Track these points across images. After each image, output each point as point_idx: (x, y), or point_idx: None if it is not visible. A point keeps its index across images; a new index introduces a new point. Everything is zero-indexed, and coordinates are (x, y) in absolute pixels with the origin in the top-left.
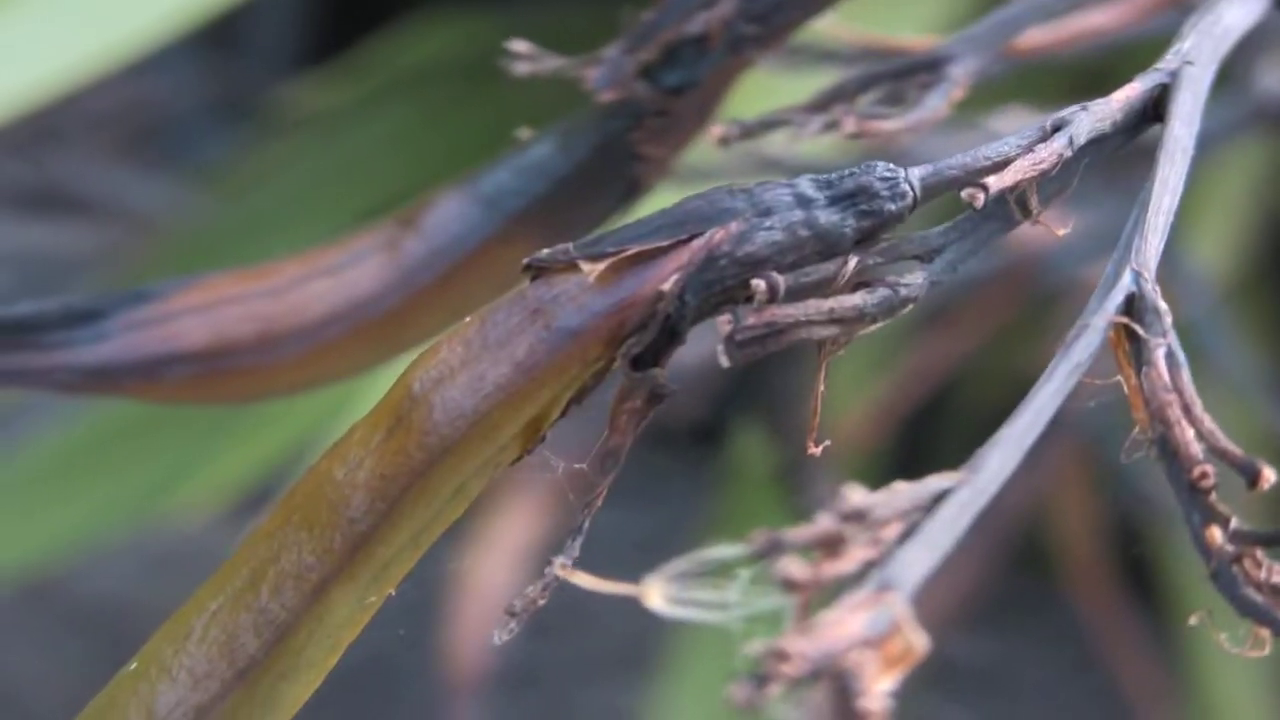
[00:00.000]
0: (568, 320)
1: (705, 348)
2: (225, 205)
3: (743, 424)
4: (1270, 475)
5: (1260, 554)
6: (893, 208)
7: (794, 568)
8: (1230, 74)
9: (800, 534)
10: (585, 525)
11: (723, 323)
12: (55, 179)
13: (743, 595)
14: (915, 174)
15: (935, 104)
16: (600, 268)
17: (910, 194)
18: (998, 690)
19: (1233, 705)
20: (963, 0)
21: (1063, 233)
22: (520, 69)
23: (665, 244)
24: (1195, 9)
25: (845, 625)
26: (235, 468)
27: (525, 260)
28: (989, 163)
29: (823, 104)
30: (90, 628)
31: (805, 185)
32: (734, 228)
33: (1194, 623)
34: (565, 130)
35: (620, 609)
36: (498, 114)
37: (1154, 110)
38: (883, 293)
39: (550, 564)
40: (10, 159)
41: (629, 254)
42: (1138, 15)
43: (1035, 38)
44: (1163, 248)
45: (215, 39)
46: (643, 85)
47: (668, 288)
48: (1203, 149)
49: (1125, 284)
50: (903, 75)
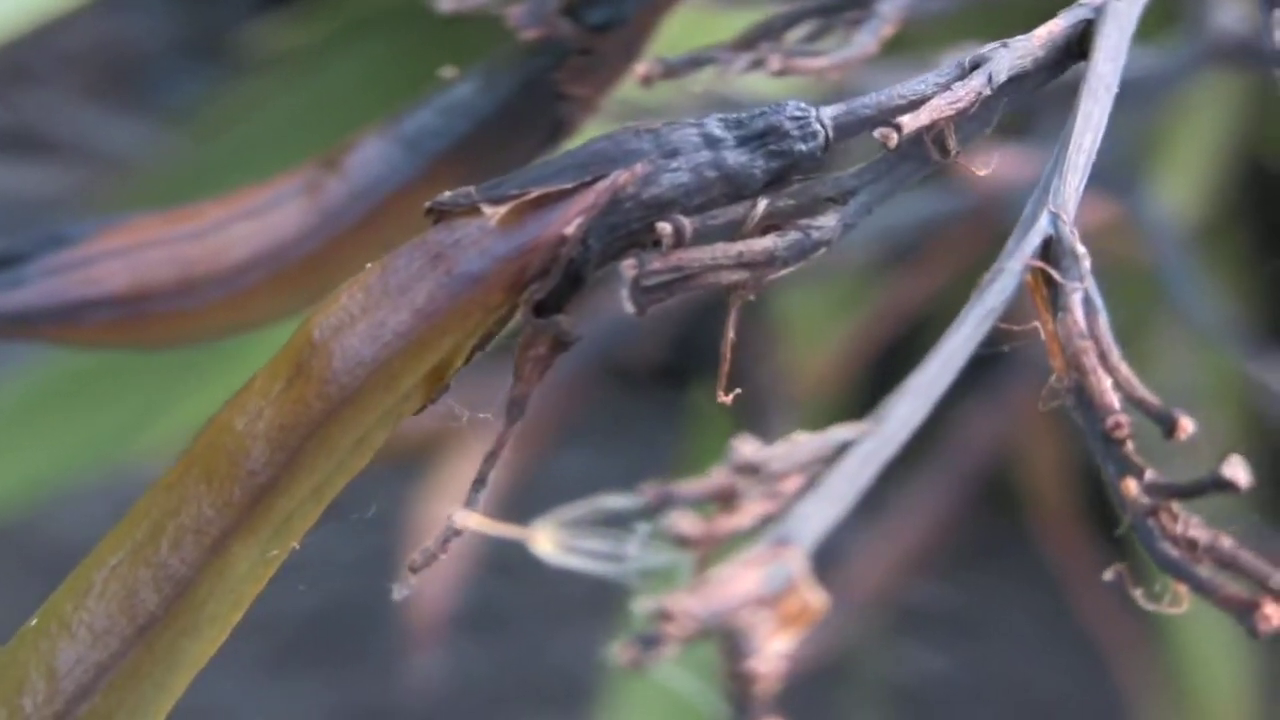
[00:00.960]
0: (469, 265)
1: None
2: (196, 145)
3: (706, 366)
4: (1188, 426)
5: (1177, 507)
6: (803, 148)
7: (686, 522)
8: (1185, 12)
9: (694, 487)
10: (489, 476)
11: (627, 267)
12: (25, 119)
13: (640, 549)
14: (827, 113)
15: (864, 41)
16: (502, 211)
17: (822, 133)
18: (966, 634)
19: (1205, 648)
20: None
21: (1028, 170)
22: (445, 6)
23: (569, 186)
24: None
25: (739, 582)
26: (202, 412)
27: (427, 204)
28: (904, 101)
29: (750, 41)
30: (56, 572)
31: (713, 125)
32: (639, 169)
33: (1108, 578)
34: (488, 69)
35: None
36: (468, 52)
37: (1078, 46)
38: (794, 236)
39: (450, 517)
40: None
41: (532, 197)
42: None
43: None
44: (1129, 191)
45: None
46: (567, 23)
47: (571, 231)
48: (1162, 88)
49: (1042, 226)
50: (831, 11)
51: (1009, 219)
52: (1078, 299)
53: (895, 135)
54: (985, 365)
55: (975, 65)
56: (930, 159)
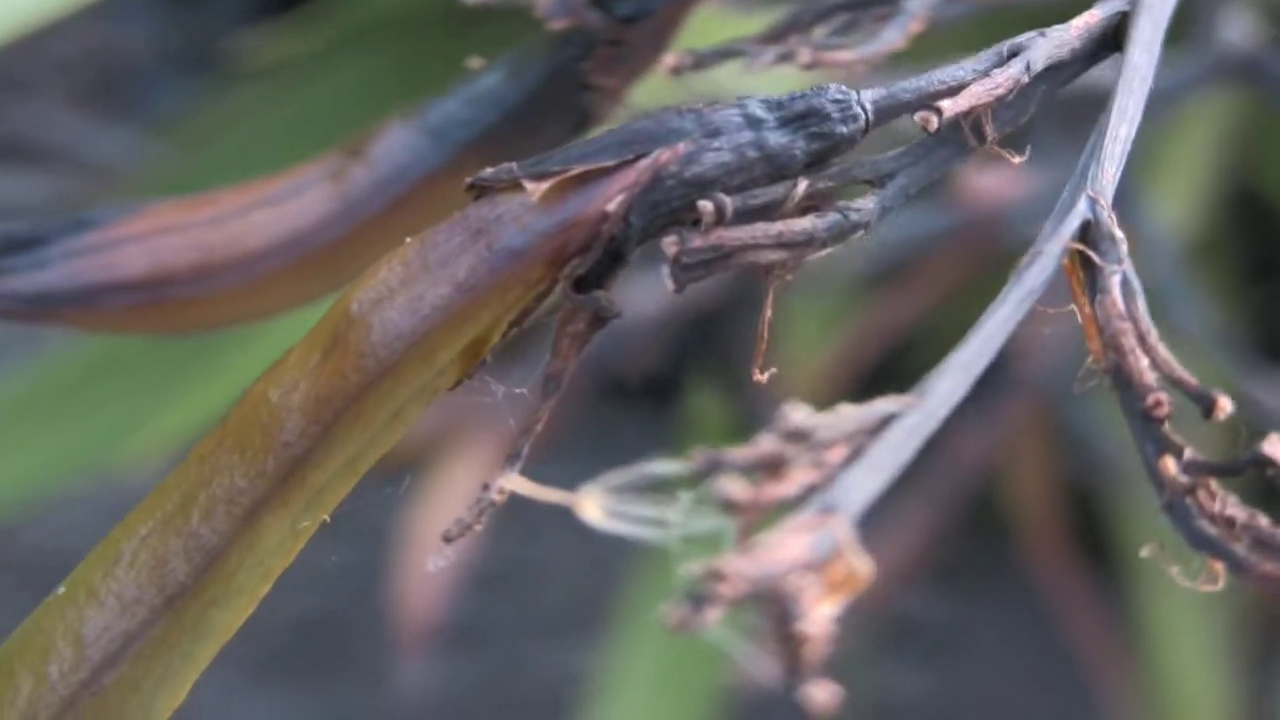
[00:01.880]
0: (510, 240)
1: (661, 299)
2: (185, 155)
3: (699, 377)
4: (1226, 405)
5: (1215, 485)
6: (844, 130)
7: (734, 487)
8: (1191, 28)
9: (742, 453)
10: (524, 450)
11: (669, 244)
12: (13, 128)
13: (683, 516)
14: (868, 96)
15: (892, 37)
16: (544, 187)
17: (862, 116)
18: (951, 651)
19: (1185, 668)
20: None
21: (1022, 189)
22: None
23: (611, 164)
24: None
25: (787, 547)
26: (187, 417)
27: (469, 180)
28: (944, 87)
29: (777, 35)
30: (40, 578)
31: (755, 106)
32: (681, 148)
33: (1146, 555)
34: (516, 60)
35: (573, 565)
36: (462, 64)
37: (1113, 38)
38: (833, 217)
39: (487, 488)
40: None
41: (574, 174)
42: None
43: None
44: (1126, 207)
45: None
46: (595, 14)
47: (613, 208)
48: (1164, 104)
49: (1080, 210)
50: (859, 7)
51: (1002, 238)
52: (1116, 281)
53: (935, 119)
54: (975, 382)
55: (1014, 53)
56: (968, 145)
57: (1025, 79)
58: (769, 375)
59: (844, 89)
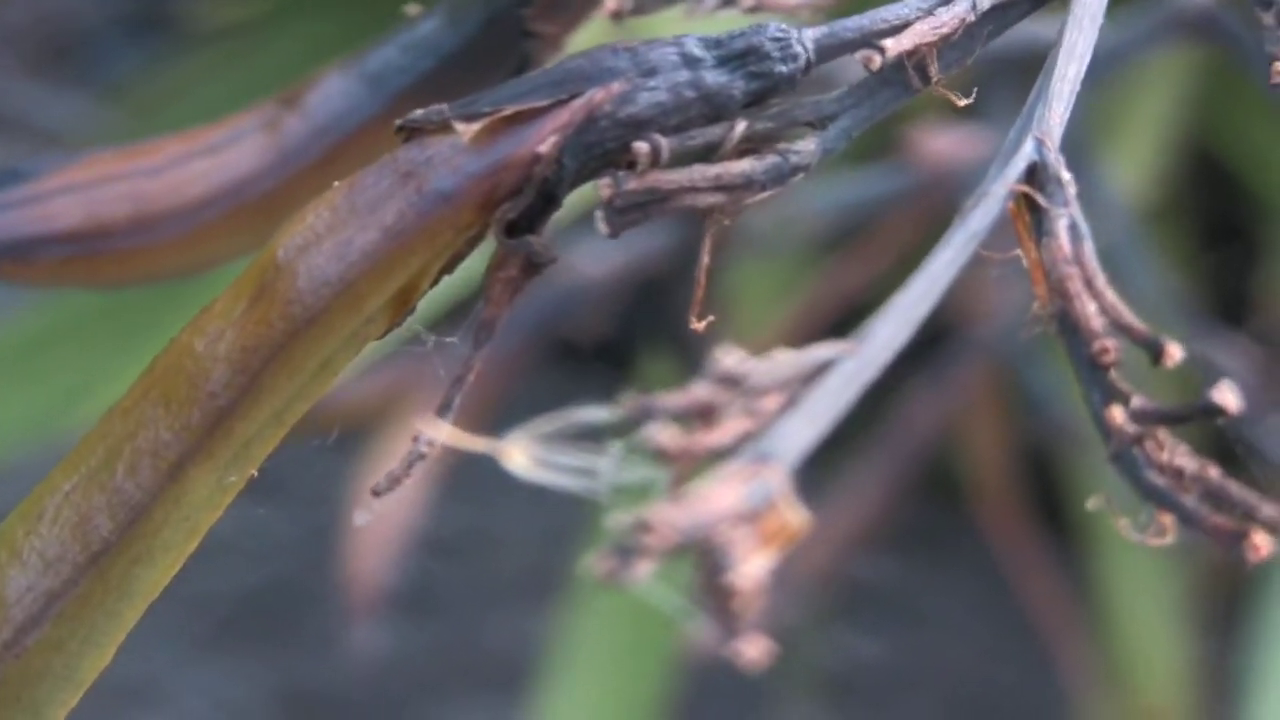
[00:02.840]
0: (440, 183)
1: (613, 262)
2: (138, 121)
3: (652, 342)
4: (1175, 352)
5: (1163, 435)
6: (784, 69)
7: (665, 435)
8: None
9: (673, 400)
10: (455, 401)
11: (603, 187)
12: None
13: (614, 465)
14: (809, 35)
15: None
16: (475, 129)
17: (803, 55)
18: (905, 617)
19: (1143, 631)
20: None
21: (976, 151)
22: None
23: (543, 104)
24: None
25: (718, 497)
26: None
27: (398, 122)
28: (888, 25)
29: None
30: None
31: (692, 45)
32: (616, 87)
33: (1092, 507)
34: (454, 6)
35: (528, 531)
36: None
37: None
38: (772, 159)
39: (417, 435)
40: None
41: (505, 114)
42: None
43: None
44: (1080, 168)
45: None
46: None
47: (545, 150)
48: (1120, 63)
49: (1027, 152)
50: None
51: (956, 201)
52: (1063, 224)
53: (878, 58)
54: (929, 346)
55: None
56: (911, 85)
57: (971, 18)
58: (708, 326)
59: (784, 27)
